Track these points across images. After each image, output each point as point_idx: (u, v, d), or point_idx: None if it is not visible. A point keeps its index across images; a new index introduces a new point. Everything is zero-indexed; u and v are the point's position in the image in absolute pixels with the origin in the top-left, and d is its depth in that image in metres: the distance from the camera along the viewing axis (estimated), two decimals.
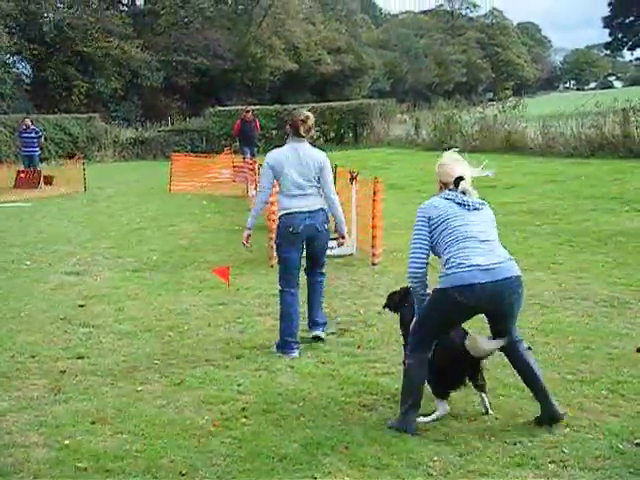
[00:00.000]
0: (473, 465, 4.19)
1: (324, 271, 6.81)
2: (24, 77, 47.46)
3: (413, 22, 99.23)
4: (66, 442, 4.64)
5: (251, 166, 17.93)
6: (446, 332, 4.70)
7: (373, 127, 36.38)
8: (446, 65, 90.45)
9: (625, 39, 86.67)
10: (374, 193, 9.85)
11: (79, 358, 6.32)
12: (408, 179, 19.96)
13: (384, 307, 5.62)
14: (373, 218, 9.84)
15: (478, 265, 4.42)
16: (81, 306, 8.10)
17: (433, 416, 4.75)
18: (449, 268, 4.48)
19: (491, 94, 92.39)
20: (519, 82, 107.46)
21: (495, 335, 4.73)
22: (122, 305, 8.10)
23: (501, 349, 4.76)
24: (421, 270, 4.66)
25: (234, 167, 21.23)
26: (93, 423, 4.93)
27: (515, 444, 4.42)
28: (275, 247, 6.81)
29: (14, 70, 44.26)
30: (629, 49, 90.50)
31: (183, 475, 4.20)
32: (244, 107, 29.04)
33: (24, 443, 4.66)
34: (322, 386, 5.47)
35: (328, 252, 6.85)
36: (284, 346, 6.29)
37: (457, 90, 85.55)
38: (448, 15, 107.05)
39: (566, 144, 22.60)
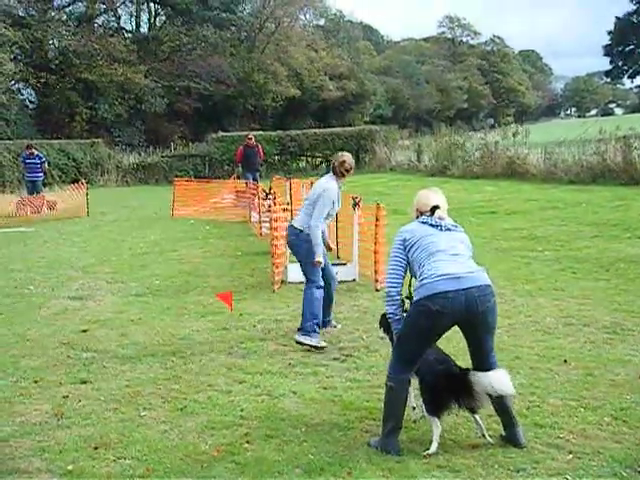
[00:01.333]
0: None
1: (306, 281, 7.65)
2: (28, 103, 47.80)
3: (415, 49, 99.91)
4: (69, 467, 4.64)
5: (253, 191, 18.01)
6: (425, 348, 4.75)
7: (375, 153, 36.55)
8: (447, 91, 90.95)
9: (625, 67, 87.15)
10: (376, 219, 9.88)
11: (82, 383, 6.33)
12: (410, 205, 19.97)
13: (379, 327, 5.69)
14: (375, 243, 9.87)
15: (448, 274, 4.58)
16: (84, 331, 8.11)
17: (434, 444, 4.74)
18: (421, 280, 4.67)
19: (492, 120, 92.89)
20: (520, 109, 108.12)
21: (474, 354, 4.83)
22: (125, 330, 8.11)
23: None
24: (395, 289, 4.89)
25: (237, 192, 21.31)
26: (96, 448, 4.93)
27: (518, 471, 4.41)
28: None
29: (19, 96, 44.59)
30: (629, 77, 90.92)
31: None
32: (247, 133, 29.21)
33: (27, 469, 4.66)
34: (325, 411, 5.47)
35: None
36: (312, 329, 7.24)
37: (458, 116, 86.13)
38: (449, 42, 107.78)
39: (568, 171, 22.68)
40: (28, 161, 22.84)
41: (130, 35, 54.84)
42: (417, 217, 5.09)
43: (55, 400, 5.91)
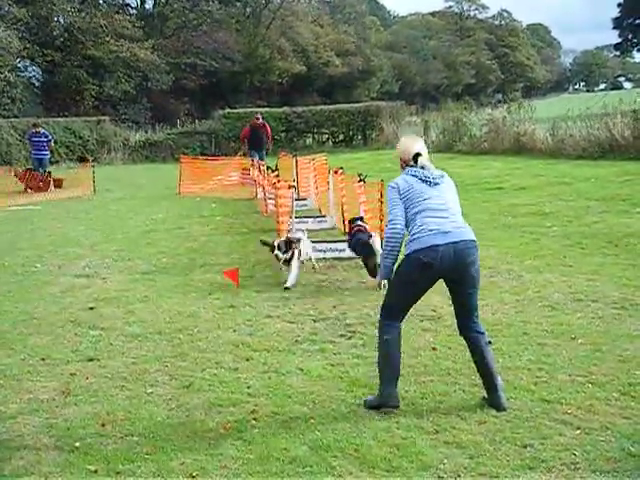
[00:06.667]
0: (484, 468, 4.18)
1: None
2: (34, 81, 47.69)
3: (422, 24, 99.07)
4: (76, 444, 4.66)
5: (260, 169, 17.95)
6: (416, 299, 5.11)
7: (382, 129, 36.36)
8: (455, 67, 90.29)
9: (635, 40, 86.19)
10: (381, 195, 9.84)
11: (89, 360, 6.34)
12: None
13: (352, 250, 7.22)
14: (381, 220, 9.83)
15: (438, 229, 4.89)
16: (91, 309, 8.13)
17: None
18: (413, 235, 4.96)
19: (500, 95, 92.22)
20: (529, 83, 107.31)
21: (459, 313, 5.13)
22: (132, 308, 8.11)
23: (464, 339, 5.17)
24: (400, 225, 5.02)
25: (243, 170, 21.26)
26: (103, 425, 4.94)
27: (526, 447, 4.40)
28: None
29: (25, 74, 44.48)
30: (639, 50, 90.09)
31: (193, 477, 4.20)
32: (253, 109, 29.11)
33: (35, 445, 4.68)
34: (332, 388, 5.47)
35: (338, 254, 9.49)
36: None
37: (466, 92, 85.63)
38: (457, 17, 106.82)
39: (575, 145, 22.51)
40: (34, 139, 22.82)
41: (135, 12, 54.54)
42: (402, 166, 5.30)
43: (62, 377, 5.93)
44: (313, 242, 10.49)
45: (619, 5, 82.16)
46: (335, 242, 10.69)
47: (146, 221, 15.28)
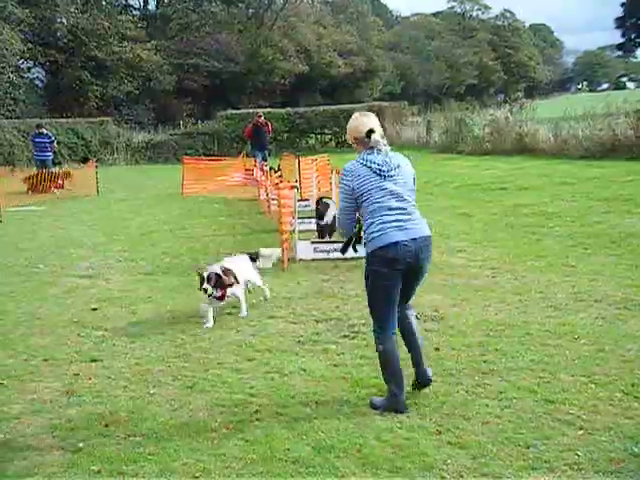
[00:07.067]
0: (487, 468, 4.18)
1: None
2: (38, 82, 47.74)
3: (424, 24, 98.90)
4: (80, 445, 4.66)
5: (262, 170, 17.98)
6: (393, 297, 5.06)
7: (385, 129, 36.27)
8: (457, 67, 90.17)
9: (638, 39, 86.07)
10: None
11: (92, 361, 6.35)
12: (419, 181, 19.87)
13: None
14: None
15: (397, 226, 4.95)
16: (94, 309, 8.14)
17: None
18: (371, 233, 4.99)
19: (502, 96, 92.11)
20: (531, 84, 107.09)
21: (403, 296, 5.17)
22: (135, 308, 8.12)
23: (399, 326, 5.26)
24: (349, 227, 5.27)
25: (246, 171, 21.27)
26: (106, 426, 4.95)
27: (528, 447, 4.40)
28: None
29: (28, 75, 44.52)
30: None
31: (196, 478, 4.21)
32: (255, 110, 29.11)
33: (38, 446, 4.69)
34: (334, 389, 5.47)
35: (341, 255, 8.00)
36: None
37: (468, 92, 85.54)
38: (459, 17, 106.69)
39: (578, 146, 22.48)
40: (37, 140, 22.89)
41: (138, 13, 54.58)
42: (355, 144, 5.21)
43: (65, 378, 5.94)
44: (314, 242, 10.50)
45: (622, 5, 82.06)
46: (338, 242, 10.67)
47: (149, 222, 15.29)
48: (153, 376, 5.92)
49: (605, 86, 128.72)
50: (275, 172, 14.30)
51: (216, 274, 7.44)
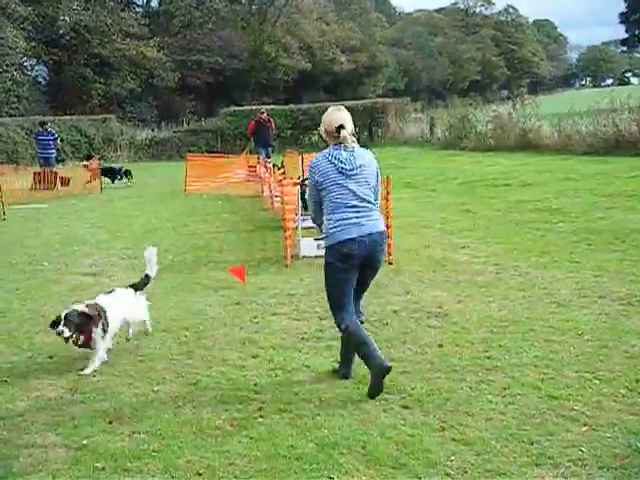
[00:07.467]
0: (490, 464, 4.17)
1: None
2: (41, 79, 47.80)
3: (427, 20, 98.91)
4: (84, 442, 4.67)
5: (266, 166, 17.97)
6: (349, 285, 5.39)
7: (388, 126, 36.32)
8: (461, 63, 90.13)
9: None
10: (387, 192, 9.82)
11: None
12: (423, 177, 19.93)
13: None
14: (387, 217, 9.81)
15: (354, 222, 5.27)
16: None
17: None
18: (330, 229, 5.34)
19: (506, 92, 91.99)
20: (535, 79, 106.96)
21: (358, 290, 5.50)
22: None
23: None
24: (318, 216, 5.58)
25: (249, 167, 21.28)
26: (110, 423, 4.95)
27: (532, 443, 4.40)
28: None
29: (31, 73, 44.59)
30: None
31: (200, 475, 4.21)
32: (259, 107, 29.10)
33: (43, 443, 4.70)
34: (338, 385, 5.47)
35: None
36: None
37: (472, 88, 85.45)
38: (462, 13, 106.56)
39: (582, 141, 22.45)
40: (40, 137, 22.92)
41: (141, 10, 54.61)
42: (325, 136, 5.48)
43: (70, 375, 5.94)
44: (318, 239, 10.49)
45: (626, 0, 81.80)
46: None
47: (152, 219, 15.31)
48: (157, 373, 5.93)
49: (609, 81, 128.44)
50: (278, 169, 14.30)
51: (80, 313, 5.96)
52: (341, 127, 5.31)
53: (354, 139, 5.40)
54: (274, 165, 18.31)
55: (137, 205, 18.02)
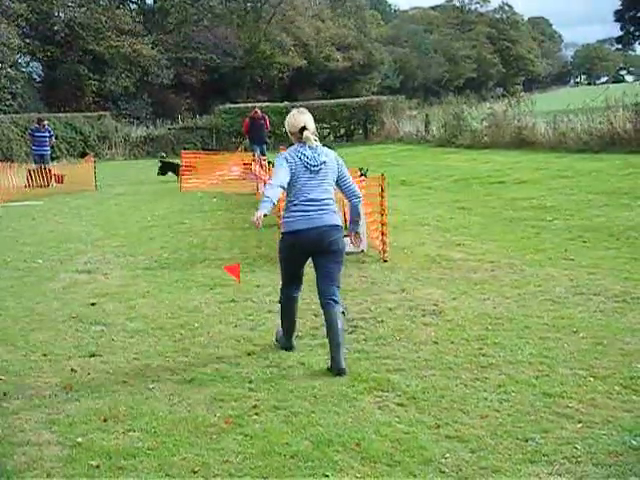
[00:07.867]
0: (485, 462, 4.17)
1: None
2: (35, 76, 47.68)
3: (423, 18, 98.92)
4: (79, 440, 4.66)
5: (261, 164, 17.95)
6: (298, 268, 6.01)
7: (383, 123, 36.33)
8: (456, 60, 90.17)
9: (637, 32, 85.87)
10: (381, 189, 9.82)
11: (91, 356, 6.34)
12: (418, 175, 19.93)
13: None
14: (382, 214, 9.82)
15: (305, 216, 5.75)
16: (92, 304, 8.12)
17: None
18: (285, 217, 5.94)
19: (501, 89, 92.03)
20: (530, 77, 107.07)
21: (320, 282, 5.89)
22: (133, 303, 8.11)
23: (322, 307, 5.91)
24: (275, 189, 5.83)
25: (244, 165, 21.26)
26: (105, 421, 4.94)
27: (527, 441, 4.40)
28: None
29: (25, 70, 44.48)
30: None
31: (195, 472, 4.20)
32: (254, 104, 29.07)
33: (37, 441, 4.68)
34: (333, 383, 5.46)
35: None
36: None
37: (467, 86, 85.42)
38: (458, 10, 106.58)
39: (577, 139, 22.48)
40: (37, 134, 22.85)
41: (135, 7, 54.49)
42: (291, 135, 5.92)
43: (64, 373, 5.93)
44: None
45: None
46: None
47: (147, 216, 15.29)
48: (152, 371, 5.92)
49: (604, 79, 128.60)
50: (273, 166, 14.30)
51: None
52: (304, 128, 5.79)
53: (316, 138, 5.89)
54: (269, 162, 18.28)
55: (132, 202, 17.99)
